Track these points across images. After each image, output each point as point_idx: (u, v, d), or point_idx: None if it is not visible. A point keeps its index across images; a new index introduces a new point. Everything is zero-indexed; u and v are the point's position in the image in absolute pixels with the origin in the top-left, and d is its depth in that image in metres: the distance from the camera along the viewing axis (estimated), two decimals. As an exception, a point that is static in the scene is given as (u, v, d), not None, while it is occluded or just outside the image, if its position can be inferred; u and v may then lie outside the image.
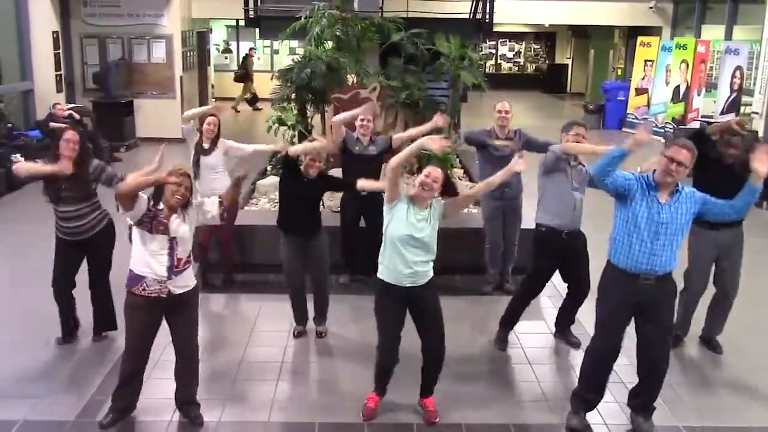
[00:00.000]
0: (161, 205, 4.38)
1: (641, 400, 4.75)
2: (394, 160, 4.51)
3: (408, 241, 4.46)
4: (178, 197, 4.35)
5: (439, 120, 6.32)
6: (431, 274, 4.64)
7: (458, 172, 9.59)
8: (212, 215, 4.64)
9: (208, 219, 4.68)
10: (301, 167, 5.71)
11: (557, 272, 5.88)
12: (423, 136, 5.53)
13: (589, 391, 4.74)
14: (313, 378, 5.43)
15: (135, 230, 4.41)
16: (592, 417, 4.84)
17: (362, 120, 6.83)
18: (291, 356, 5.75)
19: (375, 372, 4.87)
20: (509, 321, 5.96)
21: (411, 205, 4.51)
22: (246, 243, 7.36)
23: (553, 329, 6.16)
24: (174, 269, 4.37)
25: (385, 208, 4.58)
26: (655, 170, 4.38)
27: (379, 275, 4.64)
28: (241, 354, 5.74)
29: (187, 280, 4.51)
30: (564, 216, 5.58)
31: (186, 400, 4.73)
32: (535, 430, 4.81)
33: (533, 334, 6.16)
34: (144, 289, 4.37)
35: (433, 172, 4.48)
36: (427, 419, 4.80)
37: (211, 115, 6.93)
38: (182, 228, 4.40)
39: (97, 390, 5.08)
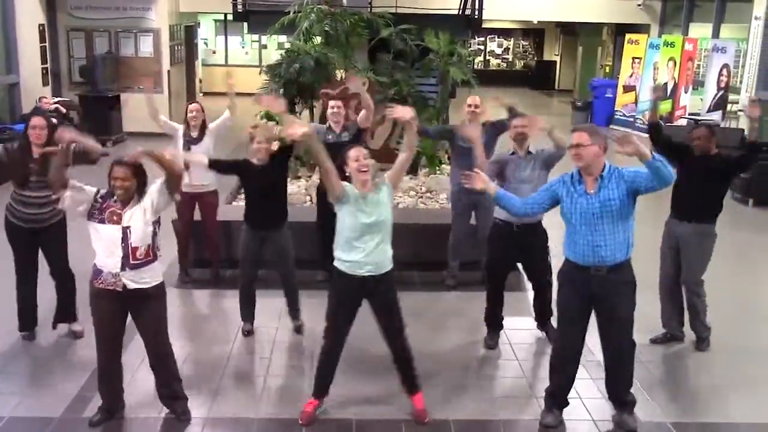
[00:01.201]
0: (115, 197, 4.33)
1: (615, 394, 4.77)
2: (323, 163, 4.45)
3: (364, 230, 4.43)
4: (119, 191, 4.28)
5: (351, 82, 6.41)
6: (390, 265, 4.59)
7: (446, 169, 9.58)
8: (164, 200, 4.43)
9: (163, 203, 4.46)
10: (253, 158, 5.64)
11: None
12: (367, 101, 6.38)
13: (558, 387, 4.75)
14: (301, 374, 5.41)
15: (89, 225, 4.35)
16: (579, 413, 4.88)
17: (332, 107, 6.74)
18: (279, 352, 5.74)
19: (316, 366, 4.78)
20: (490, 319, 5.98)
21: (359, 195, 4.46)
22: (233, 238, 7.30)
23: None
24: (129, 260, 4.29)
25: (336, 207, 4.53)
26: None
27: (336, 264, 4.59)
28: (229, 349, 5.72)
29: (148, 275, 4.39)
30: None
31: (168, 395, 4.69)
32: (523, 425, 4.82)
33: (521, 330, 6.16)
34: (101, 282, 4.35)
35: (358, 152, 4.49)
36: (415, 417, 4.75)
37: (192, 102, 6.91)
38: (135, 217, 4.31)
39: (83, 386, 5.05)
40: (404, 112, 4.54)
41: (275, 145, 5.78)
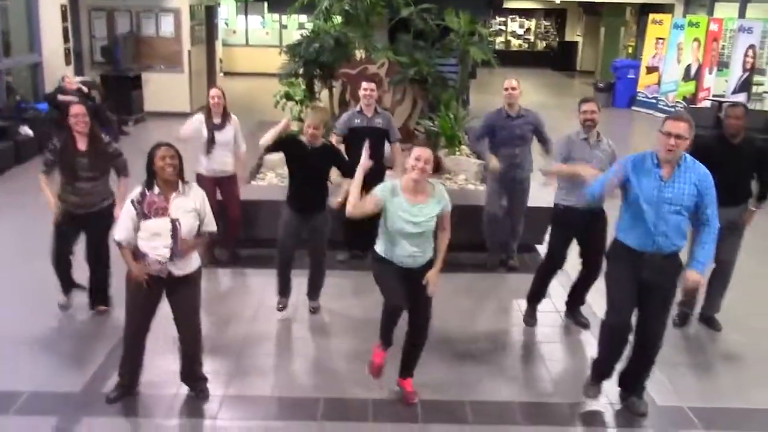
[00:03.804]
0: (156, 189, 4.32)
1: (632, 378, 4.72)
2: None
3: (409, 237, 4.40)
4: (170, 169, 4.26)
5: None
6: (431, 254, 4.56)
7: (465, 149, 9.54)
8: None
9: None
10: (304, 138, 5.66)
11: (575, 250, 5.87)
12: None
13: (604, 363, 4.70)
14: (317, 354, 5.45)
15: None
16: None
17: (365, 89, 6.70)
18: (297, 332, 5.78)
19: (381, 319, 4.76)
20: (535, 297, 5.98)
21: (404, 196, 4.41)
22: (253, 218, 7.33)
23: (563, 309, 6.14)
24: (177, 251, 4.32)
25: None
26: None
27: (376, 248, 4.59)
28: (247, 329, 5.75)
29: (191, 262, 4.46)
30: (582, 197, 5.49)
31: (191, 375, 4.73)
32: (540, 408, 4.81)
33: (542, 313, 6.10)
34: (145, 266, 4.36)
35: (423, 153, 4.33)
36: (405, 400, 4.76)
37: (213, 87, 6.91)
38: (183, 210, 4.32)
39: (102, 363, 5.11)
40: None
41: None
